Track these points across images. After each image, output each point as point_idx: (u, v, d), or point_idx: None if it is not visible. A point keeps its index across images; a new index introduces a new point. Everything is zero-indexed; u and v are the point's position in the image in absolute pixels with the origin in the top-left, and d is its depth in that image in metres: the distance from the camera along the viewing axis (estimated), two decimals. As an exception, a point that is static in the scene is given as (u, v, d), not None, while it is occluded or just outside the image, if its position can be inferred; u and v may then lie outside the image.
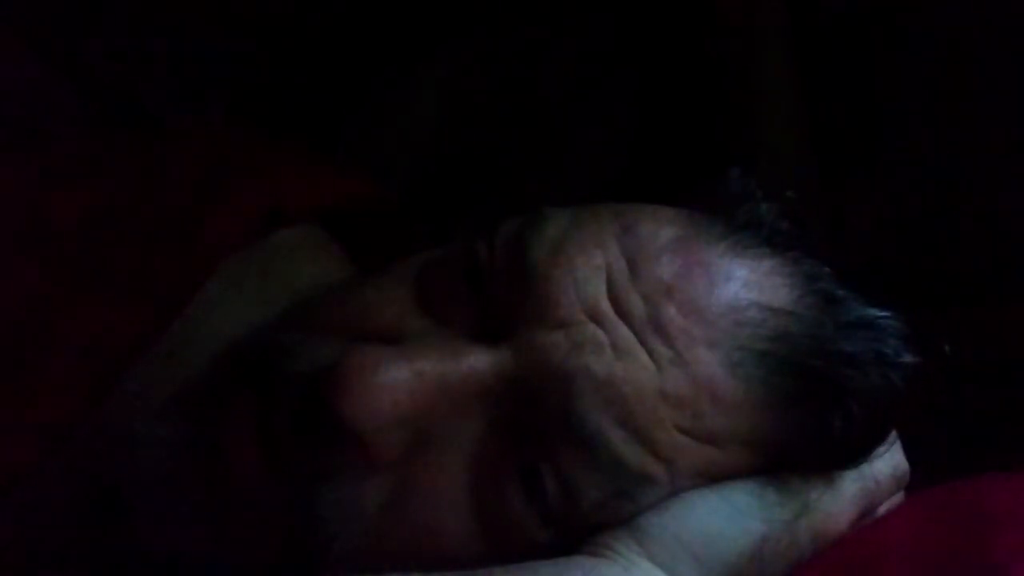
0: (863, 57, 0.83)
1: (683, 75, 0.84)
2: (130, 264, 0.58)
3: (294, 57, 0.83)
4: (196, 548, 0.51)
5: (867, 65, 0.83)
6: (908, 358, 0.53)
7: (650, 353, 0.49)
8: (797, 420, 0.51)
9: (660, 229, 0.52)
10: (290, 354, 0.51)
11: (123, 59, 0.79)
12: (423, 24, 0.84)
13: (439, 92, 0.85)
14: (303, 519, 0.49)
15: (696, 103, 0.84)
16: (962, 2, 0.80)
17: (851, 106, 0.83)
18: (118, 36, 0.79)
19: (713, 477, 0.51)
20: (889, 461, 0.55)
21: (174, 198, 0.61)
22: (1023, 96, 0.80)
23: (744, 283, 0.51)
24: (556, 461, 0.49)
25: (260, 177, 0.63)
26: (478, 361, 0.50)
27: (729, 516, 0.51)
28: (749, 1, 0.83)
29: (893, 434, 0.55)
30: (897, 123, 0.83)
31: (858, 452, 0.53)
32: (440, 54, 0.85)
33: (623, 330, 0.49)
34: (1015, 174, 0.81)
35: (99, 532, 0.55)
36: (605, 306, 0.50)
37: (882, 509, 0.56)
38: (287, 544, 0.50)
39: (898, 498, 0.56)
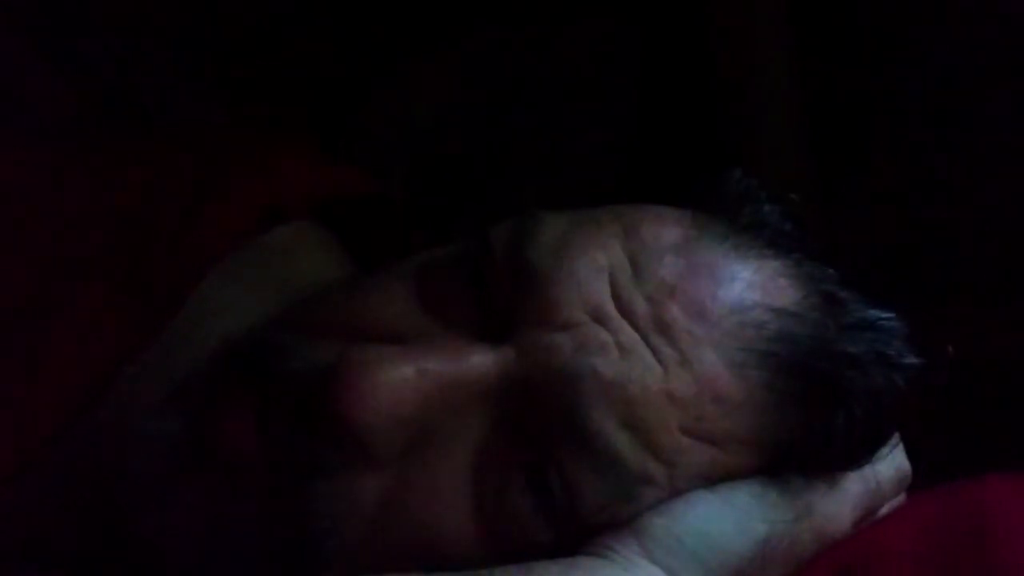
0: (863, 57, 0.83)
1: (683, 75, 0.84)
2: (128, 261, 0.58)
3: (294, 56, 0.83)
4: (194, 544, 0.51)
5: (867, 65, 0.83)
6: (911, 359, 0.53)
7: (656, 354, 0.49)
8: (800, 421, 0.51)
9: (663, 229, 0.52)
10: (289, 354, 0.51)
11: (123, 59, 0.79)
12: (423, 23, 0.84)
13: (439, 91, 0.85)
14: (298, 513, 0.49)
15: (696, 103, 0.84)
16: (961, 2, 0.80)
17: (851, 106, 0.83)
18: (118, 36, 0.79)
19: (715, 478, 0.51)
20: (891, 463, 0.55)
21: (172, 195, 0.61)
22: (1022, 94, 0.80)
23: (748, 284, 0.51)
24: (558, 461, 0.49)
25: (258, 174, 0.63)
26: (482, 361, 0.49)
27: (731, 517, 0.51)
28: (749, 1, 0.83)
29: (895, 435, 0.55)
30: (896, 123, 0.83)
31: (861, 454, 0.53)
32: (440, 54, 0.85)
33: (628, 331, 0.49)
34: (1014, 173, 0.81)
35: (97, 529, 0.55)
36: (609, 307, 0.50)
37: (884, 510, 0.56)
38: (285, 540, 0.50)
39: (900, 499, 0.56)
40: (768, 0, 0.84)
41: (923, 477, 0.57)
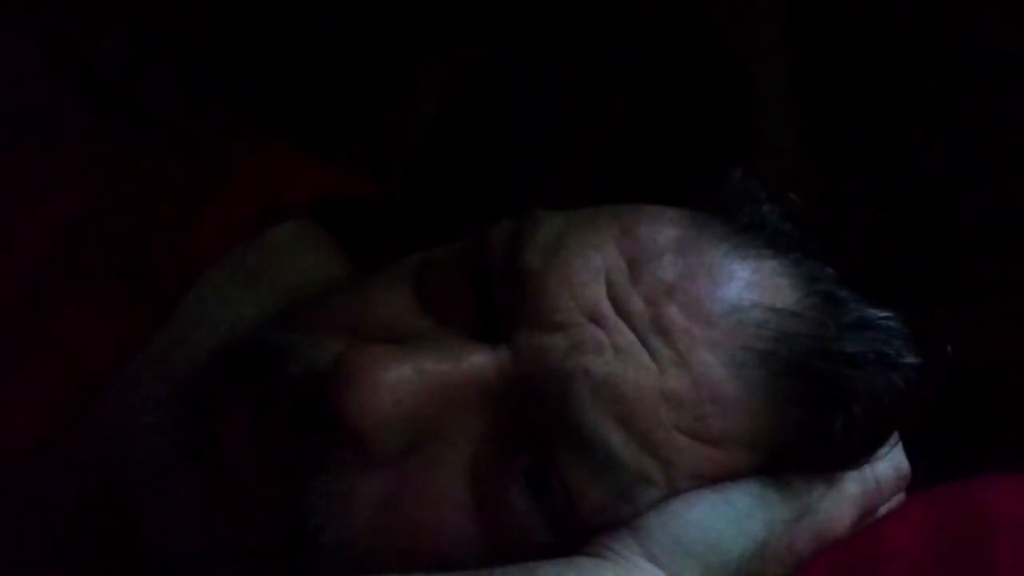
0: (862, 56, 0.83)
1: (682, 75, 0.84)
2: (126, 260, 0.59)
3: (294, 57, 0.83)
4: (192, 542, 0.51)
5: (867, 65, 0.83)
6: (910, 359, 0.52)
7: (652, 354, 0.49)
8: (799, 421, 0.51)
9: (661, 230, 0.52)
10: (288, 354, 0.51)
11: (123, 59, 0.79)
12: (423, 25, 0.84)
13: (439, 92, 0.85)
14: (297, 512, 0.49)
15: (696, 103, 0.84)
16: (961, 3, 0.80)
17: (851, 105, 0.83)
18: (118, 36, 0.79)
19: (714, 478, 0.51)
20: (891, 462, 0.55)
21: (170, 194, 0.61)
22: (1021, 94, 0.80)
23: (746, 284, 0.51)
24: (557, 462, 0.49)
25: (256, 173, 0.63)
26: (479, 361, 0.49)
27: (730, 517, 0.51)
28: (748, 2, 0.83)
29: (895, 435, 0.55)
30: (896, 123, 0.83)
31: (860, 453, 0.53)
32: (440, 54, 0.85)
33: (624, 331, 0.49)
34: (1014, 173, 0.81)
35: (97, 527, 0.55)
36: (605, 308, 0.50)
37: (883, 510, 0.55)
38: (284, 539, 0.50)
39: (899, 499, 0.56)
40: (768, 0, 0.84)
41: (923, 477, 0.57)
